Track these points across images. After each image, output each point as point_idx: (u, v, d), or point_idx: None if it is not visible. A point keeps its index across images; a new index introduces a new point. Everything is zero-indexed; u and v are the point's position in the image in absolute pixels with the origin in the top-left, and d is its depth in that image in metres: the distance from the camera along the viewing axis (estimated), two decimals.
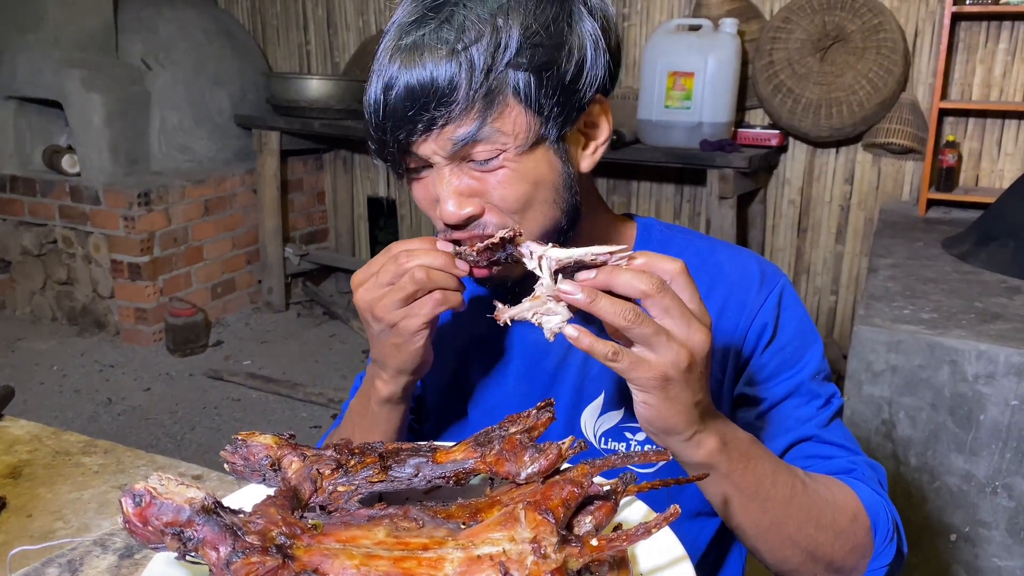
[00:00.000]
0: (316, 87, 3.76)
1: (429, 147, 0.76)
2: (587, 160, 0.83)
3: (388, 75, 0.75)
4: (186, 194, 3.73)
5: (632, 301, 0.64)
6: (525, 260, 0.70)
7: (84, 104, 3.55)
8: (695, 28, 3.08)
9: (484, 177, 0.77)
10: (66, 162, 3.67)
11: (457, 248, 0.75)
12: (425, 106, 0.73)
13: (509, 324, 0.69)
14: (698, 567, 0.65)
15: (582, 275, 0.66)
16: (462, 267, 0.75)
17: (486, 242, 0.71)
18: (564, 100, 0.76)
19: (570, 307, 0.66)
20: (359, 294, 0.77)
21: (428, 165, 0.78)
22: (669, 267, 0.65)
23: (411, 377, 0.82)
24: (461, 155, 0.76)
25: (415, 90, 0.73)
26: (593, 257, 0.66)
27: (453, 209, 0.76)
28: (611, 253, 0.66)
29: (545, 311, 0.67)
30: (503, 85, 0.73)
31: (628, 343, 0.65)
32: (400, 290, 0.74)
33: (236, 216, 4.03)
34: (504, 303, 0.69)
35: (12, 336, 3.80)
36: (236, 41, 4.22)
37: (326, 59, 4.35)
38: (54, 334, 3.83)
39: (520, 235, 0.71)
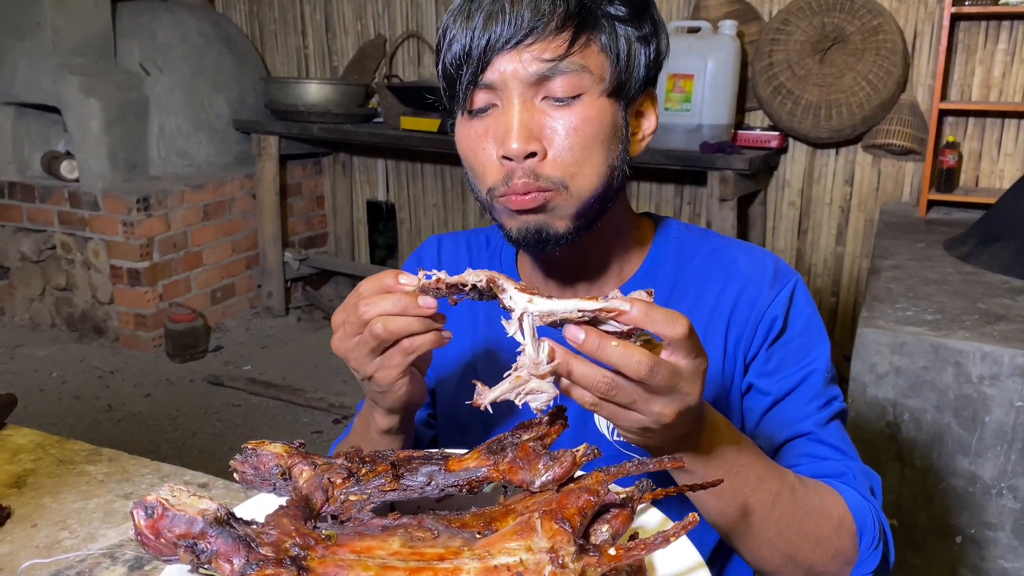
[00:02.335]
0: (315, 91, 3.76)
1: (511, 63, 0.76)
2: (635, 145, 0.86)
3: None
4: (185, 199, 3.72)
5: None
6: (505, 304, 0.61)
7: (82, 110, 3.54)
8: (694, 30, 3.08)
9: (553, 124, 0.77)
10: (65, 168, 3.66)
11: (423, 281, 0.65)
12: (521, 15, 0.74)
13: (491, 411, 0.62)
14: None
15: (570, 331, 0.59)
16: (427, 303, 0.67)
17: (456, 281, 0.63)
18: (640, 61, 0.80)
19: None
20: (334, 342, 0.73)
21: (494, 104, 0.78)
22: (669, 333, 0.59)
23: (406, 413, 0.81)
24: (539, 85, 0.76)
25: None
26: (580, 314, 0.58)
27: (519, 145, 0.76)
28: (601, 310, 0.58)
29: (529, 391, 0.60)
30: (595, 25, 0.77)
31: None
32: (365, 344, 0.70)
33: (235, 221, 4.02)
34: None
35: (11, 343, 3.79)
36: (234, 46, 4.22)
37: (324, 63, 4.35)
38: (53, 340, 3.82)
39: (495, 282, 0.62)
